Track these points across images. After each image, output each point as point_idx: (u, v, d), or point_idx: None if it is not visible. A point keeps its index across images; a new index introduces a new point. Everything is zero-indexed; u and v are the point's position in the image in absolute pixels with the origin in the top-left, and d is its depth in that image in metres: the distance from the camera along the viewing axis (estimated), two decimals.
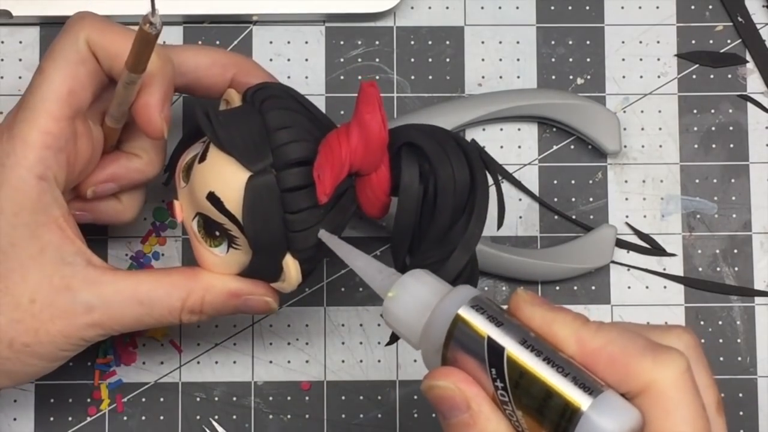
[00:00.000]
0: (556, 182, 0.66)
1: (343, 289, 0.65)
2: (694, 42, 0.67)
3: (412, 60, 0.67)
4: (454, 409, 0.45)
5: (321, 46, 0.67)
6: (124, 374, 0.64)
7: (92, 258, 0.55)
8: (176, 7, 0.66)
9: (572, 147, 0.67)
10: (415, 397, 0.64)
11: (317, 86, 0.66)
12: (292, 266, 0.54)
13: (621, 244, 0.66)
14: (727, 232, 0.66)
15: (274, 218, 0.53)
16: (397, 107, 0.66)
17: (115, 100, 0.55)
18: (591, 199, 0.66)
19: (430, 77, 0.67)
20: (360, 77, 0.66)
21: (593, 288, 0.65)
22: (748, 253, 0.66)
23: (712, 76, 0.67)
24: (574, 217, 0.66)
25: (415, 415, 0.64)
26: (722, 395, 0.64)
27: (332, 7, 0.66)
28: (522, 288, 0.47)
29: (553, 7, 0.67)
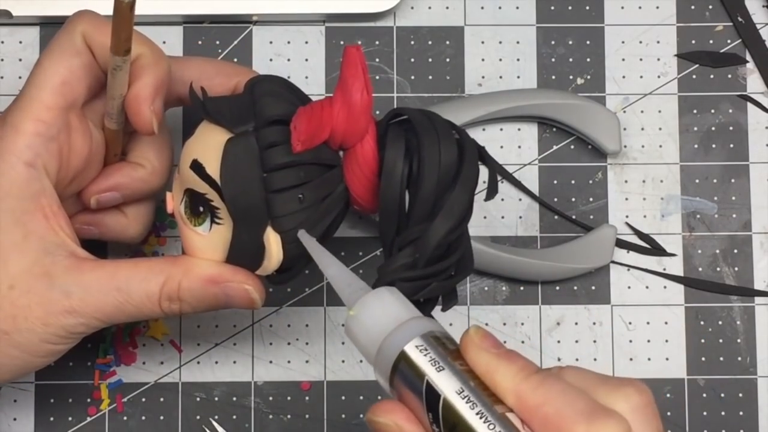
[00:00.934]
0: (556, 182, 0.66)
1: None
2: (694, 42, 0.67)
3: (412, 60, 0.67)
4: None
5: (321, 46, 0.67)
6: (124, 374, 0.64)
7: (76, 250, 0.55)
8: (176, 7, 0.66)
9: (572, 147, 0.67)
10: None
11: (317, 86, 0.66)
12: (273, 240, 0.53)
13: (621, 244, 0.66)
14: (727, 232, 0.66)
15: (253, 180, 0.52)
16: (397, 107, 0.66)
17: (108, 93, 0.55)
18: (591, 199, 0.66)
19: (430, 77, 0.67)
20: None
21: (593, 288, 0.65)
22: (748, 253, 0.66)
23: (712, 76, 0.67)
24: (574, 217, 0.66)
25: None
26: (722, 395, 0.65)
27: (332, 7, 0.66)
28: (474, 327, 0.46)
29: (553, 7, 0.67)
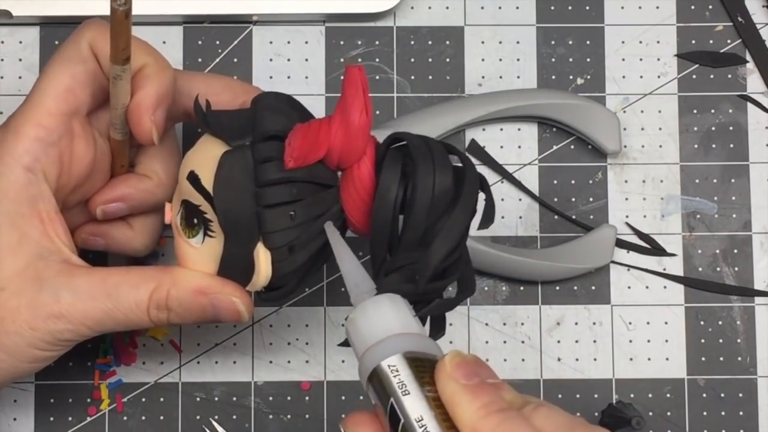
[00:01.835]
0: (556, 182, 0.66)
1: (343, 289, 0.65)
2: (694, 42, 0.67)
3: (412, 60, 0.67)
4: None
5: (321, 46, 0.67)
6: (124, 374, 0.64)
7: (71, 257, 0.55)
8: (176, 7, 0.66)
9: (572, 147, 0.67)
10: None
11: (317, 86, 0.66)
12: (262, 257, 0.53)
13: (621, 244, 0.66)
14: (727, 232, 0.66)
15: (245, 193, 0.52)
16: (397, 107, 0.66)
17: (111, 103, 0.55)
18: (591, 199, 0.66)
19: (430, 77, 0.67)
20: None
21: (593, 288, 0.65)
22: (748, 253, 0.66)
23: (712, 76, 0.67)
24: (574, 217, 0.66)
25: None
26: (722, 395, 0.65)
27: (332, 7, 0.66)
28: (451, 353, 0.46)
29: (553, 7, 0.67)
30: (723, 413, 0.65)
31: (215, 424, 0.64)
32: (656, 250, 0.66)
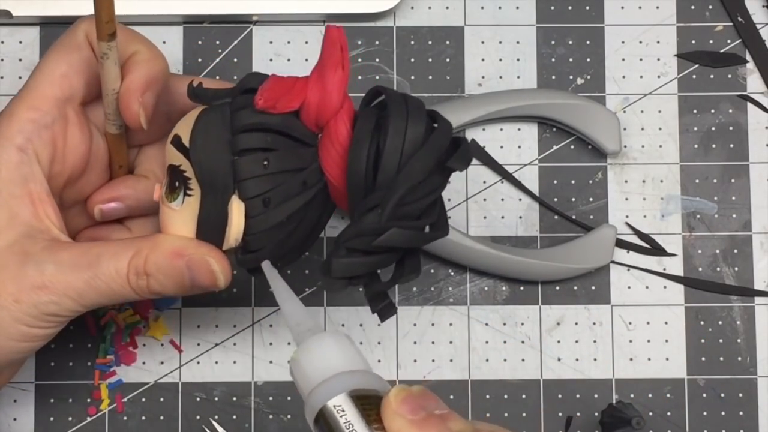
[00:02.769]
0: (556, 182, 0.66)
1: None
2: (694, 42, 0.67)
3: (412, 60, 0.67)
4: None
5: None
6: (124, 374, 0.64)
7: (60, 236, 0.55)
8: (176, 7, 0.66)
9: (572, 147, 0.67)
10: None
11: None
12: (235, 209, 0.52)
13: (621, 244, 0.66)
14: (727, 232, 0.66)
15: (221, 143, 0.52)
16: None
17: (102, 89, 0.55)
18: (591, 199, 0.66)
19: (430, 77, 0.67)
20: (360, 77, 0.66)
21: (593, 288, 0.65)
22: (748, 253, 0.66)
23: (712, 76, 0.67)
24: (574, 217, 0.66)
25: None
26: (722, 395, 0.65)
27: (332, 7, 0.66)
28: (396, 389, 0.45)
29: (553, 7, 0.67)
30: (723, 413, 0.65)
31: (215, 424, 0.64)
32: (656, 250, 0.66)
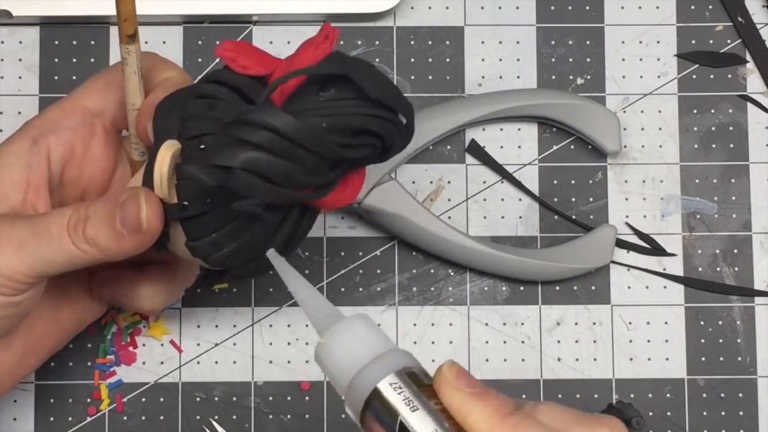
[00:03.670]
0: (556, 182, 0.66)
1: (343, 289, 0.65)
2: (694, 42, 0.67)
3: (412, 60, 0.67)
4: None
5: None
6: (124, 374, 0.64)
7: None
8: (176, 7, 0.66)
9: (572, 147, 0.67)
10: None
11: None
12: (164, 147, 0.51)
13: (621, 244, 0.66)
14: (727, 232, 0.66)
15: (185, 97, 0.52)
16: None
17: (126, 102, 0.55)
18: (591, 199, 0.66)
19: (430, 77, 0.67)
20: None
21: (593, 288, 0.65)
22: (748, 253, 0.66)
23: (712, 76, 0.67)
24: (574, 217, 0.66)
25: None
26: (722, 395, 0.65)
27: (332, 7, 0.66)
28: (447, 363, 0.45)
29: (553, 7, 0.67)
30: (723, 413, 0.65)
31: (215, 424, 0.64)
32: (656, 250, 0.66)
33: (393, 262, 0.65)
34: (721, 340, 0.65)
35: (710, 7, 0.68)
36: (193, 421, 0.64)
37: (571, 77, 0.67)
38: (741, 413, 0.65)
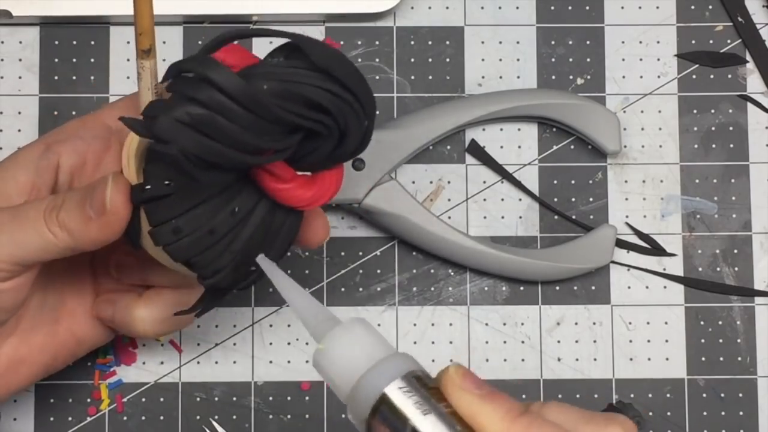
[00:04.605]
0: (556, 182, 0.66)
1: (343, 289, 0.65)
2: (694, 42, 0.67)
3: (412, 60, 0.67)
4: None
5: None
6: (124, 374, 0.64)
7: None
8: (176, 7, 0.66)
9: (572, 147, 0.67)
10: None
11: None
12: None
13: (621, 244, 0.66)
14: (727, 232, 0.66)
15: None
16: (397, 107, 0.66)
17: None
18: (591, 199, 0.66)
19: (430, 77, 0.67)
20: None
21: (593, 288, 0.65)
22: (748, 253, 0.66)
23: (712, 76, 0.67)
24: (574, 217, 0.66)
25: None
26: (722, 395, 0.65)
27: (332, 7, 0.66)
28: (453, 366, 0.45)
29: (553, 7, 0.67)
30: (723, 413, 0.65)
31: (215, 424, 0.64)
32: (656, 250, 0.66)
33: (393, 262, 0.65)
34: (721, 340, 0.65)
35: (710, 7, 0.68)
36: (193, 421, 0.64)
37: (571, 77, 0.67)
38: (741, 413, 0.65)
